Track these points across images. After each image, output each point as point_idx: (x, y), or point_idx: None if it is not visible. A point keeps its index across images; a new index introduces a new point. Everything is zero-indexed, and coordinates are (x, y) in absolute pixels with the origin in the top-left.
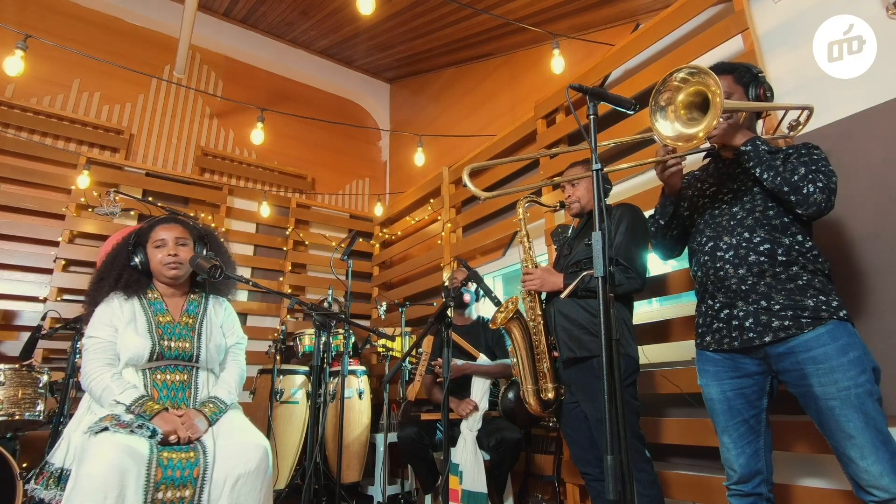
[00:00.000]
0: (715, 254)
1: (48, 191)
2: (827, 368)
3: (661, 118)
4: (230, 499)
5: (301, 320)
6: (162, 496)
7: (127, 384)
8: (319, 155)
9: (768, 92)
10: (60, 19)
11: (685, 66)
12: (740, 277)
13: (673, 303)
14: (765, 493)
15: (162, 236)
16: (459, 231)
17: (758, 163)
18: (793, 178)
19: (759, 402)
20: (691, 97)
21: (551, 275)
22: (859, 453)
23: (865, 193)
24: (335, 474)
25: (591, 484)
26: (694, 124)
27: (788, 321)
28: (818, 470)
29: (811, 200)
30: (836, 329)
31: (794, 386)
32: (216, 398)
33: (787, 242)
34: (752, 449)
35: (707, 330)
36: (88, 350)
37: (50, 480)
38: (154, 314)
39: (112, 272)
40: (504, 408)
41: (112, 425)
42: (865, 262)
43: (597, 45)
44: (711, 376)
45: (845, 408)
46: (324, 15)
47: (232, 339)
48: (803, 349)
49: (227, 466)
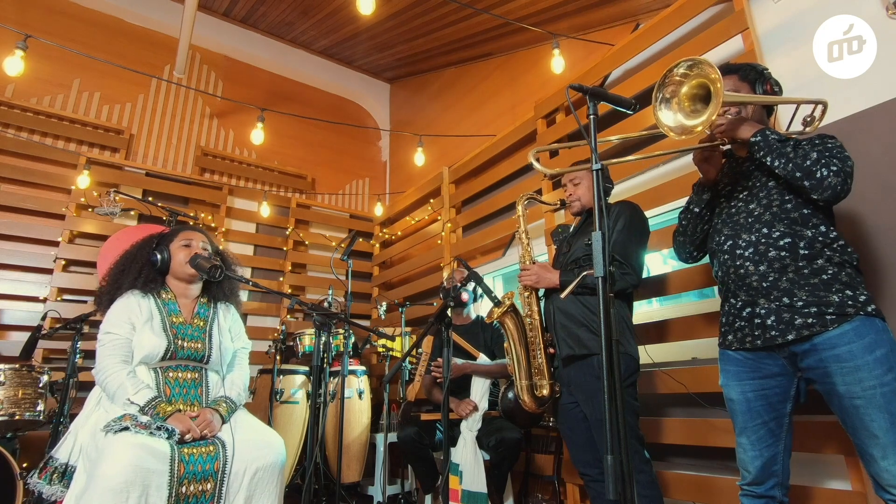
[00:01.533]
0: (734, 252)
1: (48, 191)
2: (852, 367)
3: (664, 108)
4: (248, 491)
5: (301, 320)
6: (185, 490)
7: (141, 384)
8: (319, 155)
9: (776, 87)
10: (60, 19)
11: (685, 59)
12: (761, 274)
13: (673, 303)
14: (778, 496)
15: (189, 237)
16: (459, 231)
17: (768, 151)
18: (805, 162)
19: (781, 405)
20: (695, 90)
21: (547, 271)
22: (882, 453)
23: (865, 193)
24: (335, 474)
25: (589, 485)
26: (696, 116)
27: (812, 318)
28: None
29: (826, 184)
30: (862, 325)
31: (818, 384)
32: (228, 398)
33: (809, 235)
34: (771, 453)
35: (729, 329)
36: (105, 345)
37: (54, 475)
38: (168, 314)
39: (134, 266)
40: (504, 408)
41: (132, 425)
42: (864, 262)
43: (597, 45)
44: (732, 376)
45: (870, 407)
46: (324, 15)
47: (238, 343)
48: (827, 346)
49: (245, 460)
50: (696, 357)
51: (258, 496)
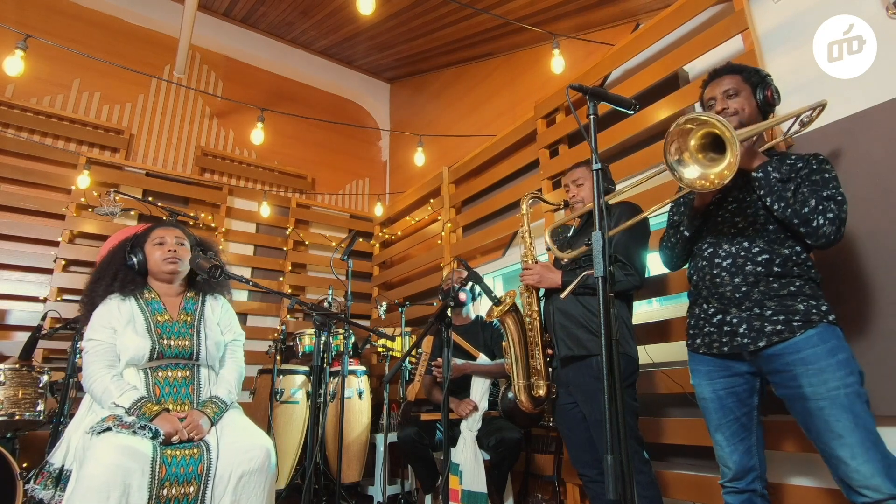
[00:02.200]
0: (713, 260)
1: (48, 191)
2: (816, 369)
3: (680, 167)
4: (234, 496)
5: (301, 320)
6: (167, 493)
7: (126, 386)
8: (319, 155)
9: (776, 94)
10: (60, 19)
11: (683, 117)
12: (735, 286)
13: (673, 303)
14: (759, 489)
15: (161, 234)
16: (459, 231)
17: (769, 192)
18: (803, 210)
19: (749, 399)
20: (702, 140)
21: (550, 271)
22: (850, 453)
23: (865, 193)
24: (335, 474)
25: (588, 485)
26: (716, 163)
27: (781, 325)
28: (810, 469)
29: (820, 233)
30: (824, 332)
31: (782, 388)
32: (216, 398)
33: (785, 253)
34: (745, 446)
35: (698, 333)
36: (89, 353)
37: (49, 480)
38: (152, 313)
39: (108, 272)
40: (504, 408)
41: (115, 425)
42: (864, 262)
43: (597, 45)
44: (703, 376)
45: (834, 408)
46: (324, 15)
47: (229, 335)
48: (793, 350)
49: (230, 464)
50: None
51: (245, 501)
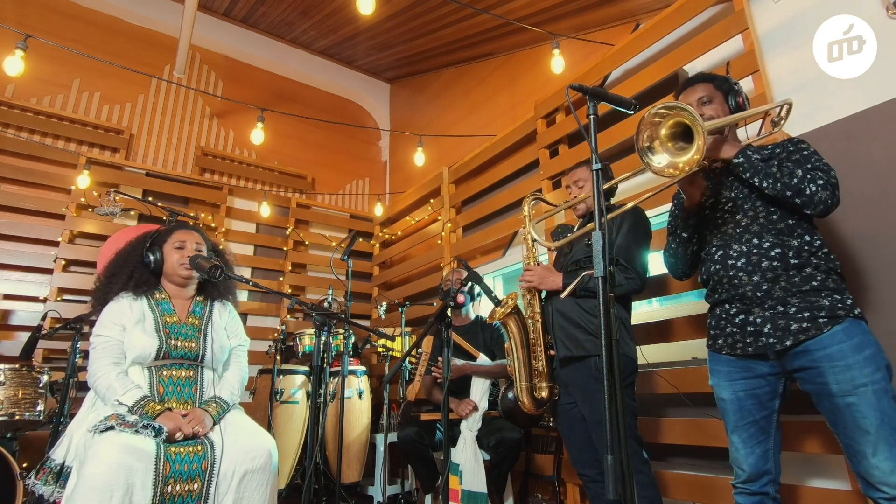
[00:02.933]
0: (726, 262)
1: (48, 191)
2: (843, 366)
3: (650, 154)
4: (237, 494)
5: (301, 320)
6: (171, 490)
7: (130, 384)
8: (319, 155)
9: (746, 101)
10: (60, 19)
11: (655, 105)
12: (755, 284)
13: (673, 303)
14: (771, 492)
15: (183, 238)
16: (459, 231)
17: (754, 173)
18: (792, 181)
19: (770, 402)
20: (672, 129)
21: (550, 273)
22: (872, 449)
23: (865, 193)
24: (335, 474)
25: (588, 485)
26: (684, 152)
27: (807, 322)
28: (823, 470)
29: (816, 199)
30: (850, 327)
31: (808, 383)
32: (219, 398)
33: (796, 244)
34: (762, 449)
35: (720, 333)
36: (96, 348)
37: (49, 476)
38: (161, 314)
39: (125, 270)
40: (504, 408)
41: (118, 424)
42: (864, 262)
43: (597, 45)
44: (723, 377)
45: (862, 404)
46: (324, 15)
47: (235, 340)
48: (819, 347)
49: (234, 462)
50: (696, 357)
51: (247, 499)
